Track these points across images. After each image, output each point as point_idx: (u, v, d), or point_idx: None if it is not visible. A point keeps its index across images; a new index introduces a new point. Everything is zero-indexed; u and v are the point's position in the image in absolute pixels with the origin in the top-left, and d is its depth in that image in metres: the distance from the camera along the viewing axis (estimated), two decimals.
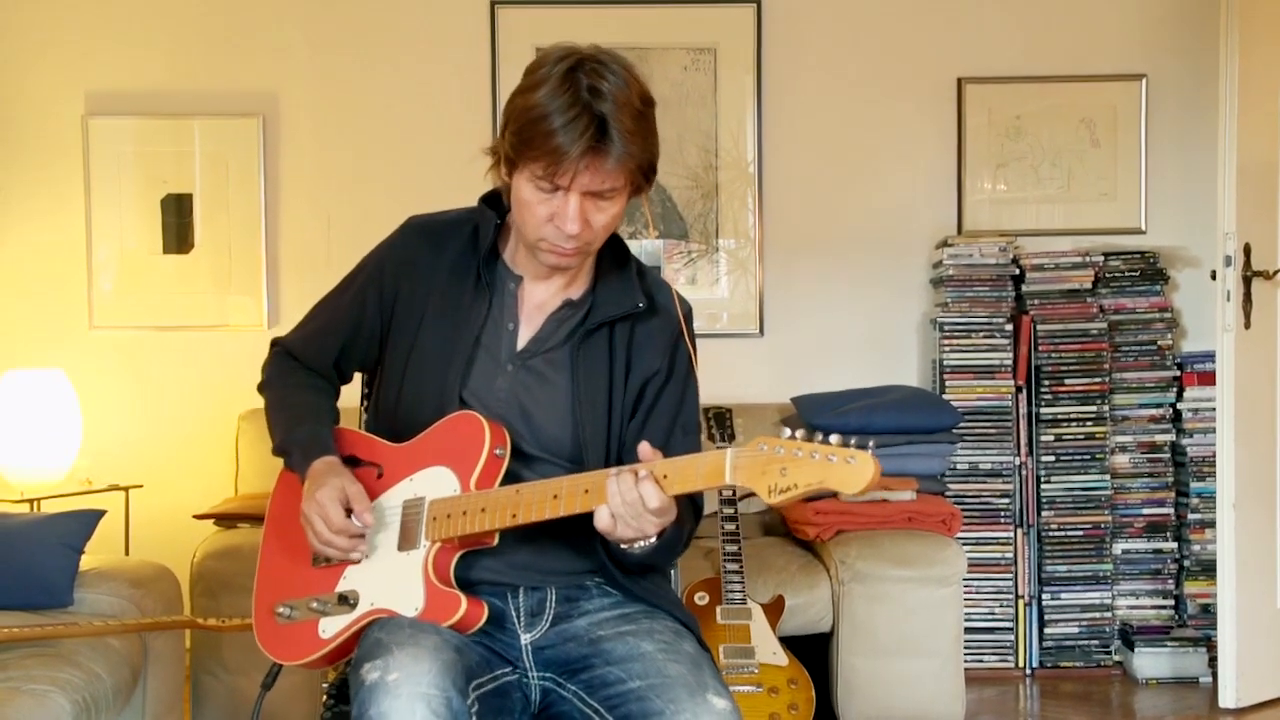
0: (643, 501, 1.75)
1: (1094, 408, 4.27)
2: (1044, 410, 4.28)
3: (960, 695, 3.59)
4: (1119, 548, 4.29)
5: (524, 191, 1.88)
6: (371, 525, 1.93)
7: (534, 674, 1.95)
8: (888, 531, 3.66)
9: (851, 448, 1.62)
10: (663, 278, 2.13)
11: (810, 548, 3.77)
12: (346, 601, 1.93)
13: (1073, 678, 4.22)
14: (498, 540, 1.89)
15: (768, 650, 3.29)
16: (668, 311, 2.06)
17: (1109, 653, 4.27)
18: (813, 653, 3.53)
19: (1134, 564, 4.30)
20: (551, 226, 1.89)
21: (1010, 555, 4.25)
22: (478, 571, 1.95)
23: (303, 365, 2.18)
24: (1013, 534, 4.26)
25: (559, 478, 1.84)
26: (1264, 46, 3.86)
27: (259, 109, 4.43)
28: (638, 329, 2.03)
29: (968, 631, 4.07)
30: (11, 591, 2.85)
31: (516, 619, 1.96)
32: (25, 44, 4.40)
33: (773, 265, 4.54)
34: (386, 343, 2.08)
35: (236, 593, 3.37)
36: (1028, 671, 4.26)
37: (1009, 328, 4.28)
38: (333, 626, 1.95)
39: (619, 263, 2.06)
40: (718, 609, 3.37)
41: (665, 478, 1.76)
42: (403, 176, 4.40)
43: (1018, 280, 4.35)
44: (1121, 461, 4.31)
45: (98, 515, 3.08)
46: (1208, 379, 4.18)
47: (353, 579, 1.96)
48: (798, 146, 4.55)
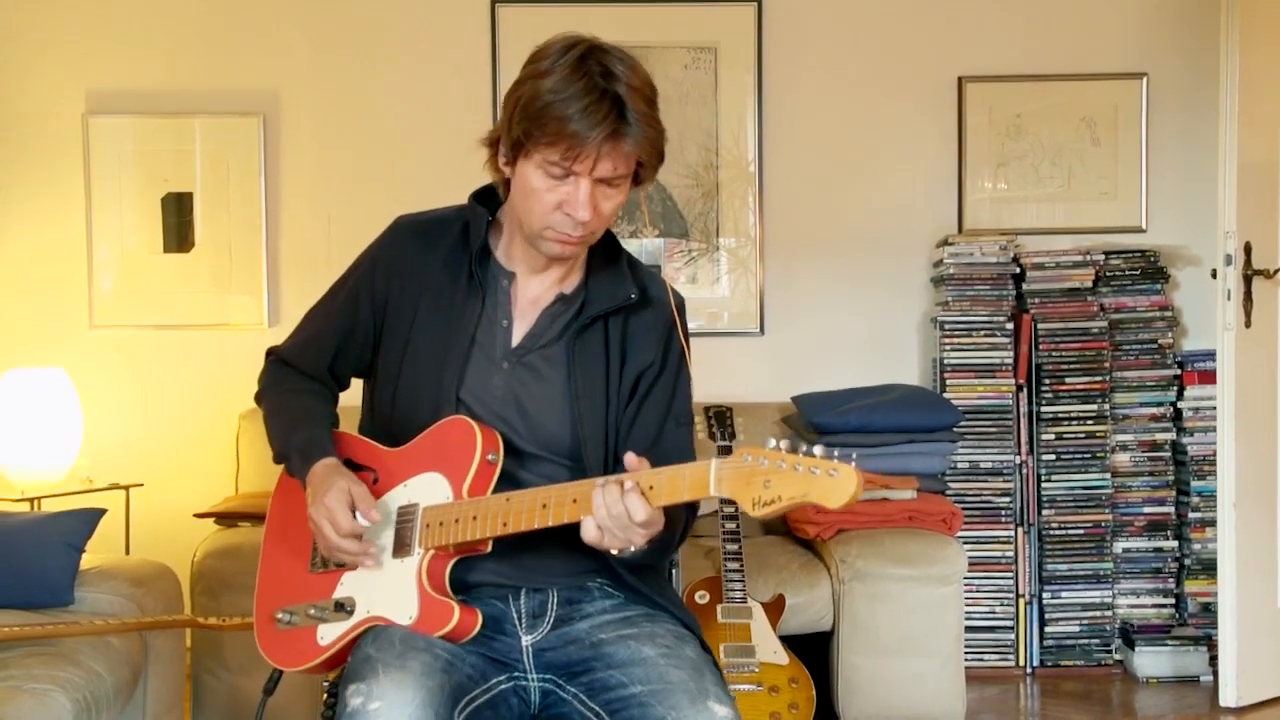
0: (629, 514, 1.73)
1: (1094, 406, 4.27)
2: (1044, 409, 4.28)
3: (961, 694, 3.59)
4: (1119, 546, 4.29)
5: (532, 179, 1.86)
6: (378, 520, 1.93)
7: (534, 676, 1.94)
8: (888, 530, 3.67)
9: (835, 460, 1.58)
10: (654, 269, 2.11)
11: (811, 546, 3.77)
12: (343, 609, 1.93)
13: (1073, 676, 4.22)
14: (491, 547, 1.88)
15: (768, 649, 3.29)
16: (660, 302, 2.05)
17: (1110, 651, 4.26)
18: (813, 651, 3.53)
19: (1134, 563, 4.30)
20: (560, 214, 1.87)
21: (1011, 554, 4.25)
22: (480, 573, 1.94)
23: (298, 372, 2.16)
24: (1013, 533, 4.26)
25: (548, 487, 1.83)
26: (1264, 45, 3.86)
27: (259, 108, 4.43)
28: (631, 321, 2.02)
29: (968, 630, 4.07)
30: (12, 590, 2.85)
31: (518, 621, 1.95)
32: (26, 43, 4.40)
33: (773, 264, 4.54)
34: (380, 344, 2.06)
35: (237, 592, 3.36)
36: (1028, 670, 4.26)
37: (1009, 326, 4.28)
38: (331, 633, 1.95)
39: (610, 255, 2.05)
40: (718, 608, 3.37)
41: (651, 489, 1.74)
42: (403, 175, 4.39)
43: (1018, 279, 4.35)
44: (1122, 460, 4.30)
45: (98, 514, 3.08)
46: (1208, 378, 4.18)
47: (350, 585, 1.96)
48: (798, 145, 4.55)
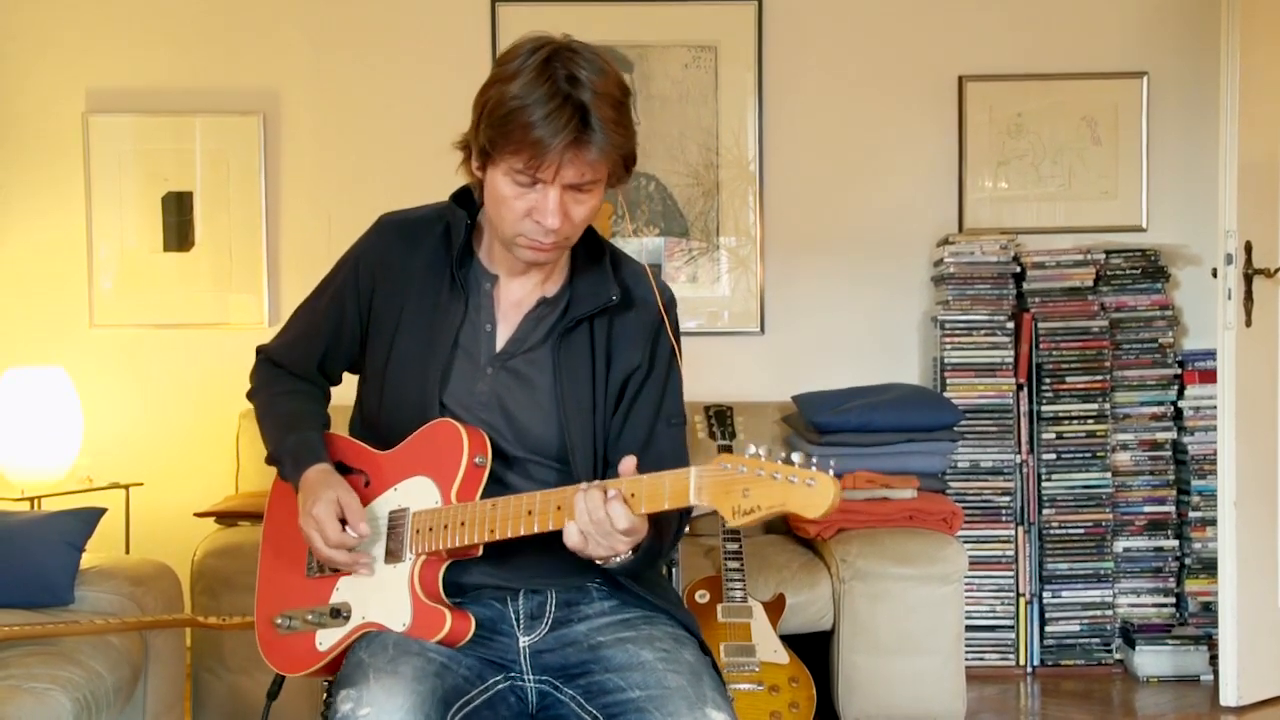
0: (610, 521, 1.72)
1: (1095, 405, 4.26)
2: (1045, 408, 4.27)
3: (961, 693, 3.59)
4: (1120, 545, 4.28)
5: (501, 186, 1.84)
6: (367, 535, 1.92)
7: (531, 677, 1.93)
8: (889, 529, 3.67)
9: (813, 469, 1.57)
10: (642, 265, 2.06)
11: (811, 546, 3.77)
12: (340, 615, 1.94)
13: (1074, 676, 4.22)
14: (482, 551, 1.87)
15: (769, 648, 3.29)
16: (646, 302, 2.01)
17: (1110, 651, 4.26)
18: (814, 651, 3.53)
19: (1135, 562, 4.30)
20: (530, 221, 1.84)
21: (1011, 553, 4.25)
22: (478, 575, 1.93)
23: (288, 371, 2.15)
24: (1014, 532, 4.26)
25: (534, 493, 1.81)
26: (1265, 44, 3.86)
27: (260, 107, 4.43)
28: (616, 322, 1.99)
29: (969, 629, 4.07)
30: (12, 589, 2.85)
31: (515, 622, 1.94)
32: (26, 42, 4.40)
33: (774, 263, 4.54)
34: (366, 343, 2.04)
35: (237, 591, 3.37)
36: (1029, 670, 4.26)
37: (1010, 326, 4.28)
38: (329, 639, 1.95)
39: (593, 256, 2.01)
40: (719, 607, 3.37)
41: (633, 496, 1.72)
42: (403, 174, 4.39)
43: (1019, 278, 4.35)
44: (1122, 459, 4.30)
45: (98, 513, 3.08)
46: (1209, 377, 4.18)
47: (345, 591, 1.96)
48: (799, 144, 4.54)
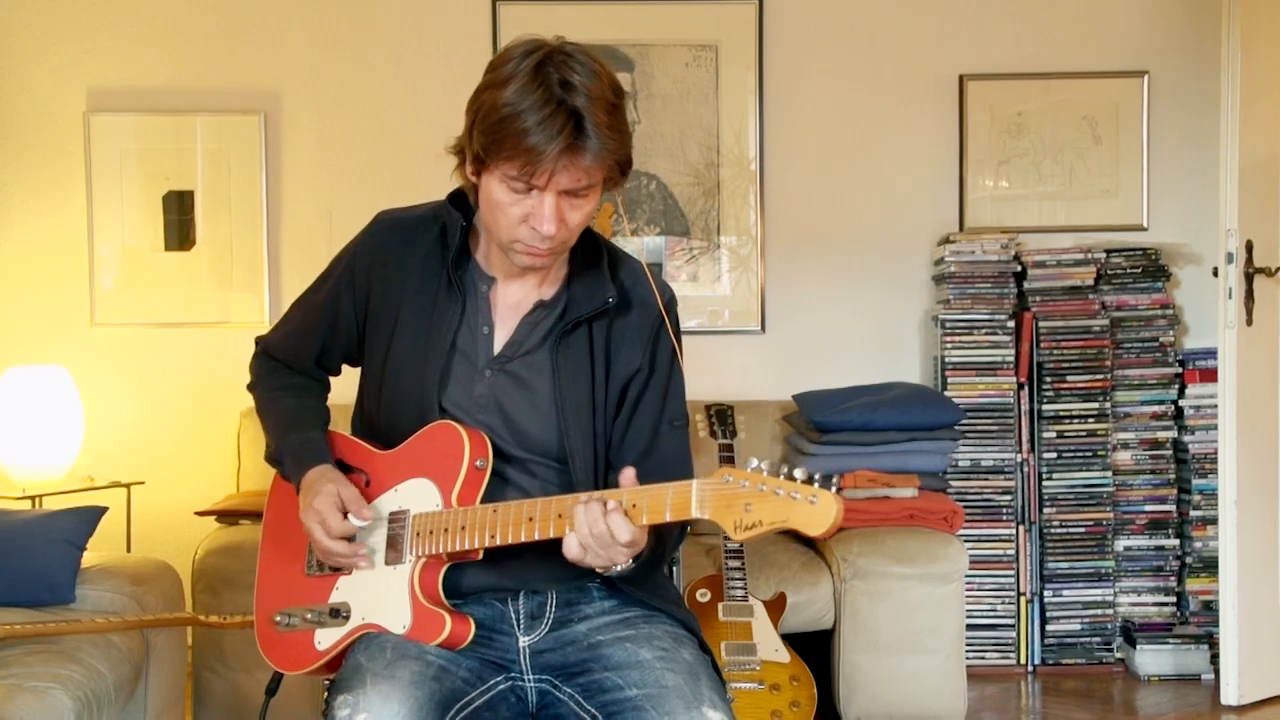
0: (611, 534, 1.71)
1: (1096, 404, 4.26)
2: (1046, 407, 4.27)
3: (962, 692, 3.60)
4: (1121, 544, 4.28)
5: (496, 193, 1.83)
6: (369, 520, 1.92)
7: (530, 677, 1.93)
8: (890, 528, 3.67)
9: (815, 486, 1.57)
10: (641, 264, 2.04)
11: (812, 545, 3.77)
12: (339, 614, 1.93)
13: (1074, 675, 4.22)
14: (483, 554, 1.86)
15: (770, 647, 3.29)
16: (646, 303, 2.00)
17: (1111, 650, 4.26)
18: (815, 650, 3.53)
19: (1136, 561, 4.30)
20: (526, 227, 1.83)
21: (1012, 552, 4.25)
22: (478, 577, 1.93)
23: (285, 366, 2.15)
24: (1014, 531, 4.26)
25: (535, 500, 1.81)
26: (1266, 43, 3.86)
27: (261, 106, 4.43)
28: (615, 324, 1.98)
29: (969, 628, 4.07)
30: (13, 588, 2.85)
31: (515, 622, 1.94)
32: (27, 41, 4.40)
33: (774, 262, 4.54)
34: (365, 340, 2.04)
35: (238, 589, 3.37)
36: (1029, 668, 4.26)
37: (1011, 324, 4.28)
38: (328, 639, 1.95)
39: (591, 257, 1.99)
40: (720, 606, 3.37)
41: (634, 507, 1.71)
42: (404, 174, 4.39)
43: (1019, 277, 4.34)
44: (1123, 458, 4.30)
45: (99, 512, 3.08)
46: (1209, 376, 4.18)
47: (344, 590, 1.95)
48: (799, 143, 4.54)
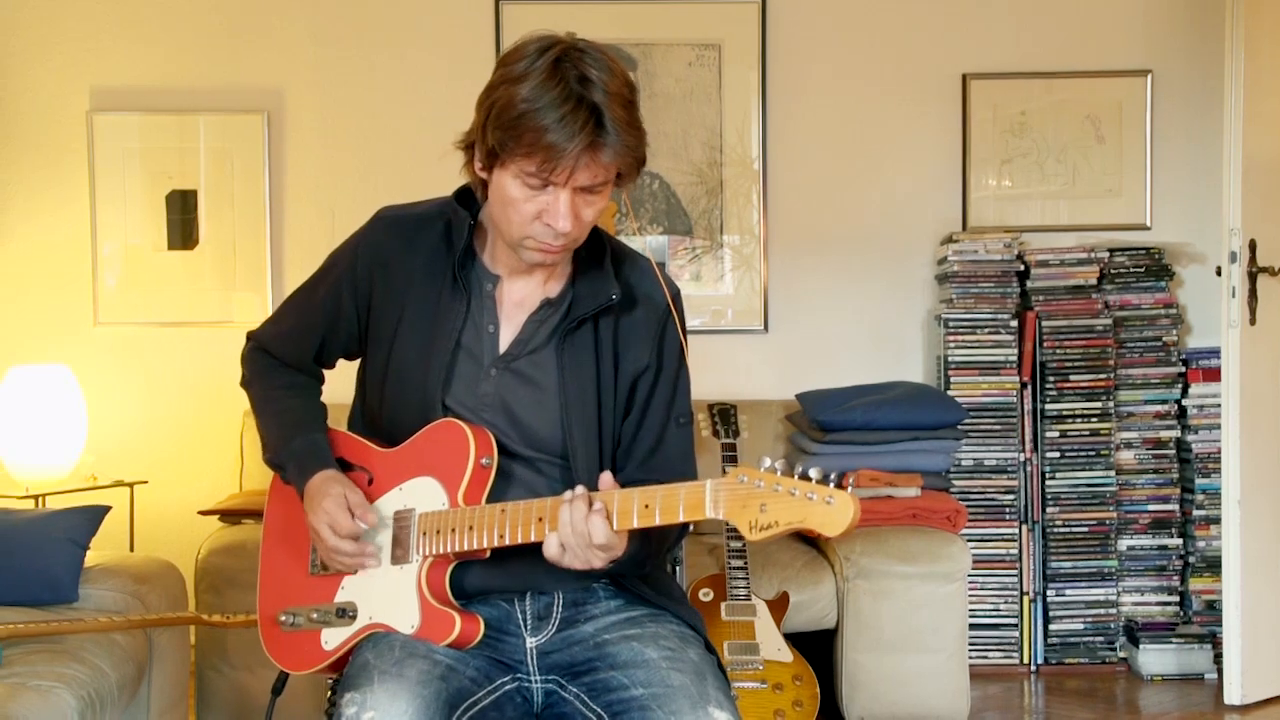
0: (589, 535, 1.72)
1: (1099, 404, 4.26)
2: (1049, 406, 4.27)
3: (965, 692, 3.60)
4: (1124, 544, 4.28)
5: (510, 189, 1.82)
6: (373, 524, 1.91)
7: (537, 677, 1.93)
8: (893, 528, 3.67)
9: (830, 486, 1.57)
10: (648, 260, 2.03)
11: (815, 544, 3.77)
12: (346, 614, 1.93)
13: (1078, 674, 4.22)
14: (490, 553, 1.85)
15: (772, 646, 3.29)
16: (651, 299, 1.99)
17: (1114, 649, 4.26)
18: (817, 649, 3.53)
19: (1139, 560, 4.29)
20: (539, 224, 1.82)
21: (1015, 551, 4.25)
22: (485, 578, 1.92)
23: (282, 363, 2.14)
24: (1017, 530, 4.25)
25: (544, 499, 1.80)
26: (1269, 42, 3.85)
27: (264, 105, 4.43)
28: (621, 321, 1.97)
29: (972, 628, 4.08)
30: (17, 587, 2.86)
31: (522, 622, 1.94)
32: (30, 40, 4.40)
33: (777, 261, 4.54)
34: (366, 338, 2.03)
35: (241, 589, 3.37)
36: (1032, 668, 4.26)
37: (1014, 324, 4.28)
38: (335, 638, 1.94)
39: (595, 255, 1.98)
40: (722, 605, 3.37)
41: (646, 508, 1.71)
42: (407, 172, 4.39)
43: (1022, 276, 4.34)
44: (1126, 458, 4.30)
45: (103, 511, 3.09)
46: (1213, 375, 4.17)
47: (350, 590, 1.95)
48: (802, 142, 4.54)
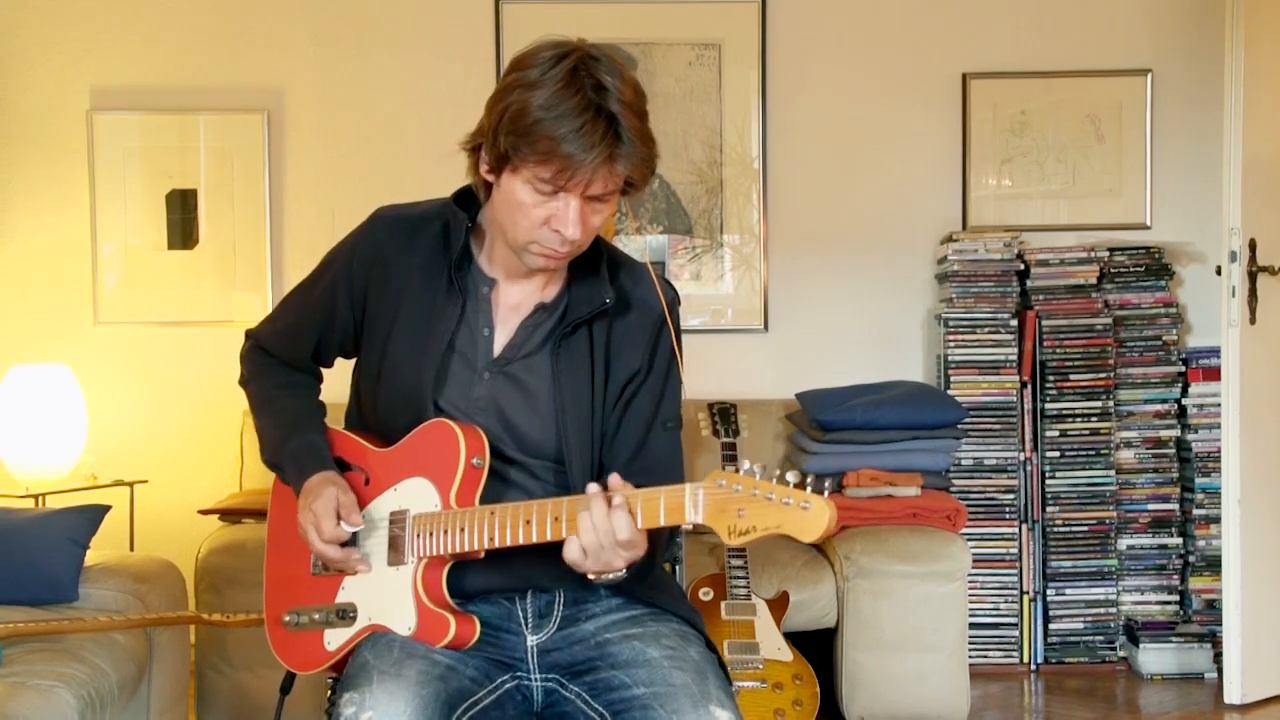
0: (614, 532, 1.71)
1: (1099, 403, 4.26)
2: (1049, 406, 4.27)
3: (965, 691, 3.60)
4: (1124, 543, 4.28)
5: (520, 193, 1.81)
6: (360, 525, 1.91)
7: (537, 676, 1.93)
8: (892, 527, 3.67)
9: (808, 491, 1.56)
10: (645, 266, 2.03)
11: (814, 543, 3.77)
12: (346, 615, 1.93)
13: (1078, 674, 4.22)
14: (484, 554, 1.85)
15: (772, 646, 3.29)
16: (646, 304, 1.99)
17: (1114, 648, 4.26)
18: (817, 648, 3.53)
19: (1139, 559, 4.29)
20: (547, 230, 1.82)
21: (1015, 551, 4.25)
22: (485, 577, 1.92)
23: (280, 361, 2.14)
24: (1017, 529, 4.25)
25: (531, 502, 1.80)
26: (1269, 41, 3.85)
27: (264, 104, 4.43)
28: (615, 326, 1.97)
29: (972, 627, 4.08)
30: (17, 587, 2.86)
31: (523, 621, 1.94)
32: (30, 39, 4.40)
33: (777, 261, 4.54)
34: (362, 336, 2.03)
35: (241, 588, 3.37)
36: (1032, 667, 4.26)
37: (1014, 323, 4.28)
38: (336, 639, 1.95)
39: (591, 260, 1.98)
40: (722, 605, 3.37)
41: (630, 511, 1.71)
42: (407, 172, 4.39)
43: (1022, 276, 4.34)
44: (1126, 457, 4.30)
45: (103, 510, 3.09)
46: (1213, 374, 4.17)
47: (350, 591, 1.95)
48: (802, 142, 4.54)
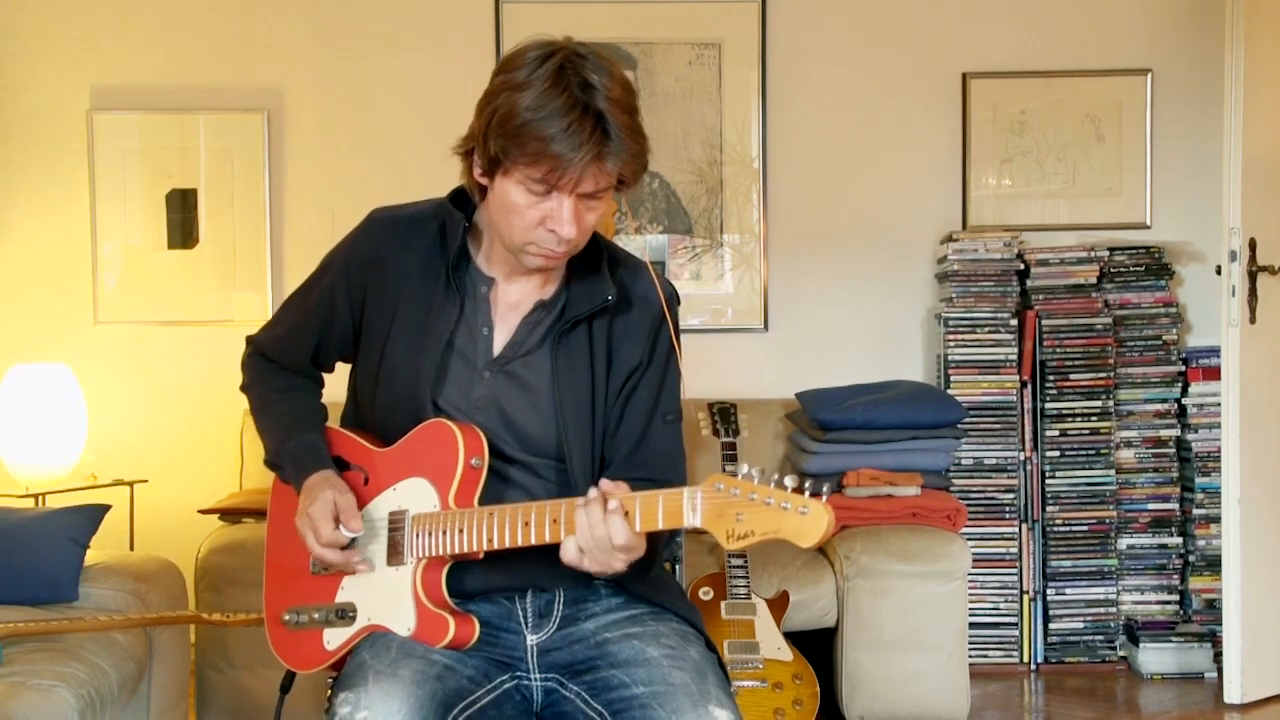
0: (610, 537, 1.71)
1: (1099, 403, 4.26)
2: (1049, 405, 4.27)
3: (965, 690, 3.60)
4: (1124, 543, 4.28)
5: (513, 195, 1.82)
6: (359, 531, 1.91)
7: (537, 675, 1.93)
8: (892, 527, 3.67)
9: (806, 495, 1.56)
10: (644, 262, 2.03)
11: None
12: (346, 615, 1.93)
13: (1077, 673, 4.22)
14: (484, 555, 1.84)
15: (772, 645, 3.29)
16: (646, 301, 2.00)
17: (1114, 648, 4.26)
18: (817, 648, 3.53)
19: (1139, 559, 4.29)
20: (542, 230, 1.83)
21: (1015, 550, 4.25)
22: (485, 577, 1.92)
23: (279, 366, 2.14)
24: (1017, 529, 4.25)
25: (529, 504, 1.80)
26: (1269, 41, 3.85)
27: (264, 104, 4.43)
28: (616, 322, 1.97)
29: (972, 627, 4.08)
30: (17, 587, 2.86)
31: (523, 620, 1.94)
32: (30, 39, 4.40)
33: (777, 260, 4.54)
34: (360, 338, 2.03)
35: (241, 587, 3.37)
36: (1032, 667, 4.26)
37: (1014, 323, 4.28)
38: (336, 639, 1.95)
39: (590, 257, 1.98)
40: (722, 604, 3.37)
41: (626, 514, 1.71)
42: (407, 172, 4.38)
43: (1022, 275, 4.34)
44: (1126, 456, 4.30)
45: (103, 510, 3.09)
46: (1213, 374, 4.17)
47: (350, 590, 1.95)
48: (802, 141, 4.54)
